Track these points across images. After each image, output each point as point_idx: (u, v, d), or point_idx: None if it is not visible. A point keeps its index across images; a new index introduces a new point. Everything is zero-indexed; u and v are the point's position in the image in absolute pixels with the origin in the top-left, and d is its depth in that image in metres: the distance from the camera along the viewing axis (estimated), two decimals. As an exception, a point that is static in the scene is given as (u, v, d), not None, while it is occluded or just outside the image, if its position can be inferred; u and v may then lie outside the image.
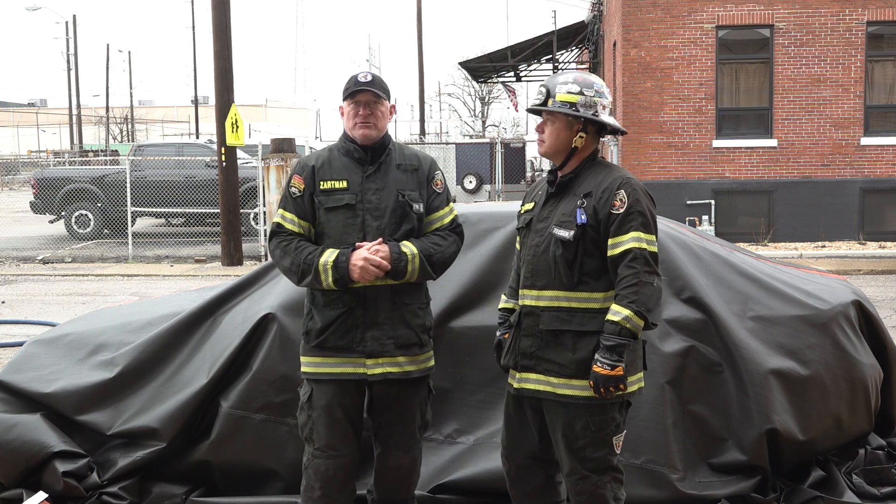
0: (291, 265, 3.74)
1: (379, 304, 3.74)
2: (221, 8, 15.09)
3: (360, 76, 3.85)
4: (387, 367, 3.75)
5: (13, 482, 4.61)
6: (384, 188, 3.79)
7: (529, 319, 3.57)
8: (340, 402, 3.77)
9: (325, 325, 3.75)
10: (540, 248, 3.56)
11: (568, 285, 3.49)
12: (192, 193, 18.16)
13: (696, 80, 16.95)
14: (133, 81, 77.73)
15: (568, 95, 3.55)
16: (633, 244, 3.40)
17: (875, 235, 16.71)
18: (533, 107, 3.64)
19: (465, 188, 24.12)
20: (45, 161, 38.94)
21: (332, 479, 3.77)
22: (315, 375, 3.79)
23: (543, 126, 3.61)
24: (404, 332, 3.78)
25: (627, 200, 3.44)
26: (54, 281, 14.13)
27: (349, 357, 3.74)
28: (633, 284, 3.35)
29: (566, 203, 3.55)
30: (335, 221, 3.76)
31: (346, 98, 3.85)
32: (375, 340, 3.74)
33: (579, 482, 3.53)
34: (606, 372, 3.33)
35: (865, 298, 5.12)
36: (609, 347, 3.34)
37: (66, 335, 5.20)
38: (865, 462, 4.73)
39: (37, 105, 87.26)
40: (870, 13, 16.56)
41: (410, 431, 3.88)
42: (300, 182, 3.83)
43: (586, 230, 3.46)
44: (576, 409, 3.48)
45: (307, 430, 3.82)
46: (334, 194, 3.78)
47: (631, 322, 3.33)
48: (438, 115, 69.22)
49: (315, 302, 3.81)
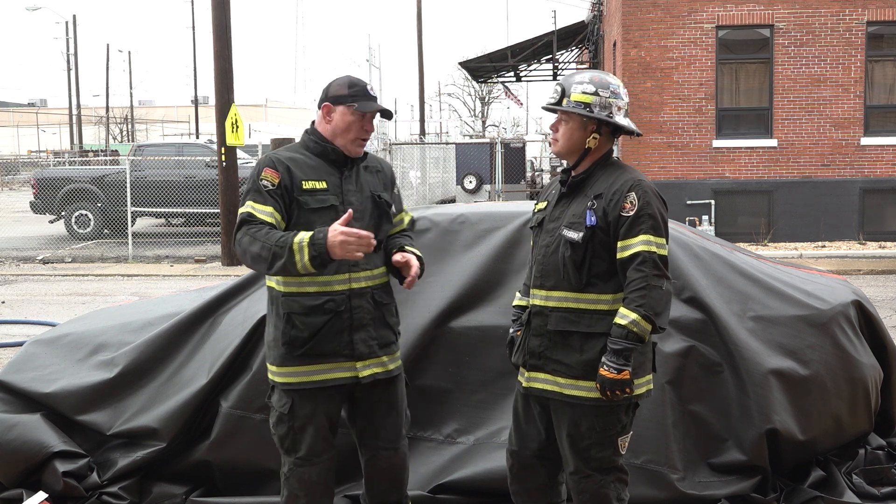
0: (262, 249, 3.46)
1: (363, 305, 3.69)
2: (221, 8, 15.09)
3: (367, 87, 3.69)
4: (374, 368, 3.71)
5: (13, 482, 4.61)
6: (360, 190, 3.74)
7: (538, 319, 3.57)
8: (326, 409, 3.68)
9: (313, 332, 3.61)
10: (550, 248, 3.56)
11: (576, 286, 3.47)
12: (192, 193, 18.15)
13: (696, 80, 16.95)
14: (133, 81, 77.78)
15: (582, 96, 3.52)
16: (643, 247, 3.37)
17: (875, 235, 16.71)
18: (547, 105, 3.61)
19: (465, 188, 24.11)
20: (45, 161, 38.97)
21: (317, 485, 3.71)
22: (302, 385, 3.64)
23: (557, 125, 3.59)
24: (384, 331, 3.76)
25: (638, 203, 3.41)
26: (54, 281, 14.13)
27: (338, 361, 3.65)
28: (641, 288, 3.33)
29: (577, 204, 3.54)
30: (320, 223, 3.56)
31: (350, 104, 3.65)
32: (363, 342, 3.67)
33: (582, 481, 3.53)
34: (612, 375, 3.32)
35: (865, 298, 5.12)
36: (616, 351, 3.32)
37: (66, 335, 5.20)
38: (865, 462, 4.73)
39: (37, 105, 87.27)
40: (870, 13, 16.56)
41: (397, 429, 3.84)
42: (274, 176, 3.59)
43: (596, 232, 3.44)
44: (582, 410, 3.47)
45: (289, 441, 3.67)
46: (318, 194, 3.64)
47: (638, 326, 3.32)
48: (438, 115, 69.27)
49: (295, 309, 3.61)
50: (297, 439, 3.68)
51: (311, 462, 3.69)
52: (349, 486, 4.37)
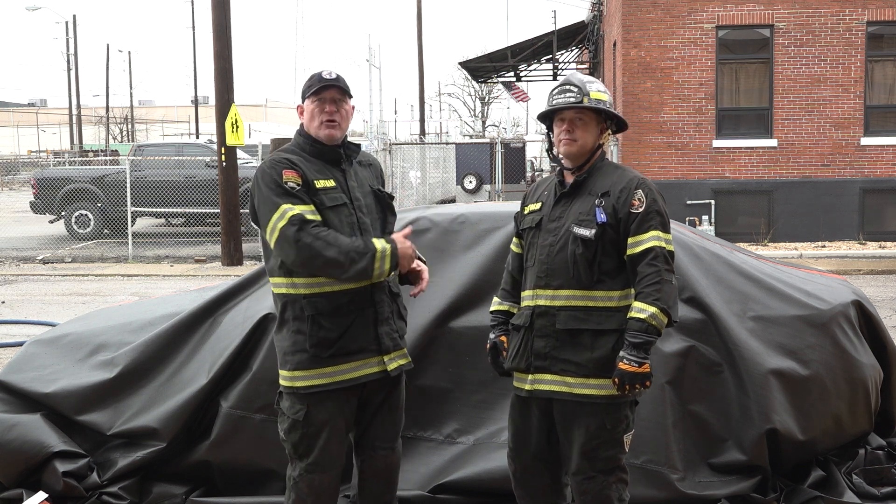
0: (339, 254, 3.43)
1: (384, 298, 3.69)
2: (221, 8, 15.09)
3: (324, 73, 3.71)
4: (400, 360, 3.72)
5: (13, 482, 4.61)
6: (361, 186, 3.75)
7: (544, 320, 3.57)
8: (342, 412, 3.64)
9: (342, 331, 3.57)
10: (555, 247, 3.56)
11: (586, 284, 3.50)
12: (192, 193, 18.16)
13: (696, 80, 16.95)
14: (133, 81, 77.82)
15: (600, 94, 3.59)
16: (655, 243, 3.44)
17: (875, 235, 16.71)
18: (574, 104, 3.56)
19: (465, 188, 24.10)
20: (45, 161, 38.95)
21: (326, 490, 3.68)
22: (328, 386, 3.56)
23: (573, 126, 3.59)
24: (400, 324, 3.79)
25: (646, 200, 3.49)
26: (54, 281, 14.13)
27: (366, 357, 3.62)
28: (656, 282, 3.39)
29: (580, 202, 3.57)
30: (336, 221, 3.59)
31: (310, 95, 3.67)
32: (387, 336, 3.68)
33: (585, 482, 3.54)
34: (634, 369, 3.34)
35: (865, 298, 5.12)
36: (636, 345, 3.36)
37: (66, 335, 5.20)
38: (865, 462, 4.73)
39: (37, 105, 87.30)
40: (870, 13, 16.56)
41: (397, 428, 3.84)
42: (296, 176, 3.56)
43: (606, 229, 3.49)
44: (592, 409, 3.49)
45: (303, 447, 3.62)
46: (330, 193, 3.63)
47: (657, 319, 3.37)
48: (438, 115, 69.27)
49: (321, 310, 3.56)
50: (311, 445, 3.62)
51: (324, 469, 3.63)
52: (349, 486, 4.37)
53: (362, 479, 3.86)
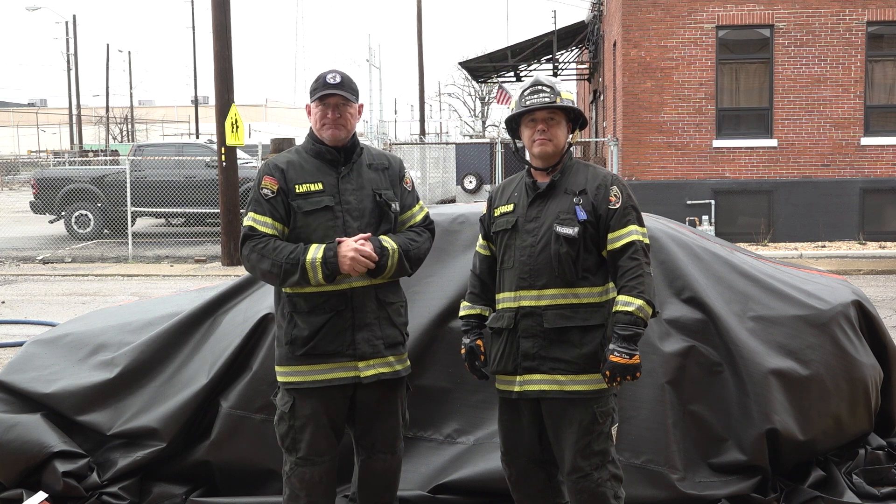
0: (272, 267, 3.59)
1: (366, 304, 3.69)
2: (221, 8, 15.09)
3: (328, 77, 3.75)
4: (379, 368, 3.71)
5: (13, 482, 4.61)
6: (360, 188, 3.76)
7: (530, 320, 3.58)
8: (326, 409, 3.70)
9: (314, 331, 3.65)
10: (536, 247, 3.58)
11: (571, 281, 3.54)
12: (192, 193, 18.15)
13: (696, 80, 16.95)
14: (133, 81, 77.79)
15: (568, 94, 3.68)
16: (634, 237, 3.52)
17: (875, 235, 16.70)
18: (550, 104, 3.60)
19: (465, 188, 24.10)
20: (45, 161, 38.96)
21: (318, 485, 3.73)
22: (303, 384, 3.68)
23: (547, 125, 3.62)
24: (391, 331, 3.76)
25: (622, 196, 3.57)
26: (54, 281, 14.13)
27: (340, 361, 3.67)
28: (639, 276, 3.47)
29: (557, 202, 3.60)
30: (315, 225, 3.66)
31: (315, 100, 3.76)
32: (366, 342, 3.68)
33: (580, 481, 3.55)
34: (625, 361, 3.40)
35: (865, 298, 5.12)
36: (626, 337, 3.41)
37: (66, 335, 5.20)
38: (865, 462, 4.73)
39: (37, 105, 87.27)
40: (870, 13, 16.56)
41: (396, 433, 3.85)
42: (273, 183, 3.69)
43: (587, 227, 3.55)
44: (583, 404, 3.53)
45: (289, 440, 3.73)
46: (311, 197, 3.68)
47: (643, 311, 3.44)
48: (438, 115, 69.36)
49: (297, 308, 3.68)
50: (296, 438, 3.71)
51: (312, 462, 3.71)
52: (349, 486, 4.37)
53: (361, 479, 3.87)
